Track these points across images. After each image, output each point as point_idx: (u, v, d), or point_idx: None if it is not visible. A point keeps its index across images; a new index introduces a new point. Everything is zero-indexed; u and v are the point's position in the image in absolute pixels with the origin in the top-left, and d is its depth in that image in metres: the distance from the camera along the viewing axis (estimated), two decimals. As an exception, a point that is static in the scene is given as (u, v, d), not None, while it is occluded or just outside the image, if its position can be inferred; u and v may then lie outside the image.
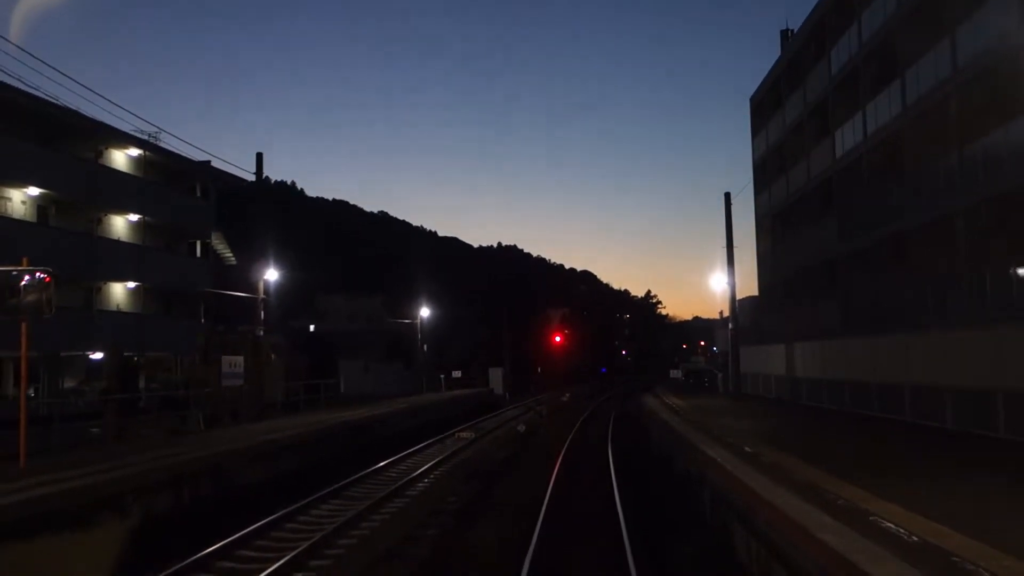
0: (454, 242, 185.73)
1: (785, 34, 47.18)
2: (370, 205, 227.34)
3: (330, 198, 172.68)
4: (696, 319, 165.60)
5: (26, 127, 36.40)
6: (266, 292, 28.93)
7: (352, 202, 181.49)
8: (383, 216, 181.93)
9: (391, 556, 11.86)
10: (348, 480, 18.36)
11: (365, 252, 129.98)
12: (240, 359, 26.55)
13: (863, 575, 6.10)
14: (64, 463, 14.63)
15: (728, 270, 32.35)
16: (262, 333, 28.59)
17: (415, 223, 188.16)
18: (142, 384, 33.74)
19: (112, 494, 12.49)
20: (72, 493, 11.81)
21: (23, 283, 14.11)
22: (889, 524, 7.79)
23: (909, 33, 27.02)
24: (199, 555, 11.28)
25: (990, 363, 15.93)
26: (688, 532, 12.41)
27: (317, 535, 12.81)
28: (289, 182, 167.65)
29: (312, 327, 79.42)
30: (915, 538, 7.21)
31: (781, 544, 7.78)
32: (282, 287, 52.10)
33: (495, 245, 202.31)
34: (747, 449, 14.35)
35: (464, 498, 16.89)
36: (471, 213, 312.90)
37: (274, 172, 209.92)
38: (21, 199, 37.46)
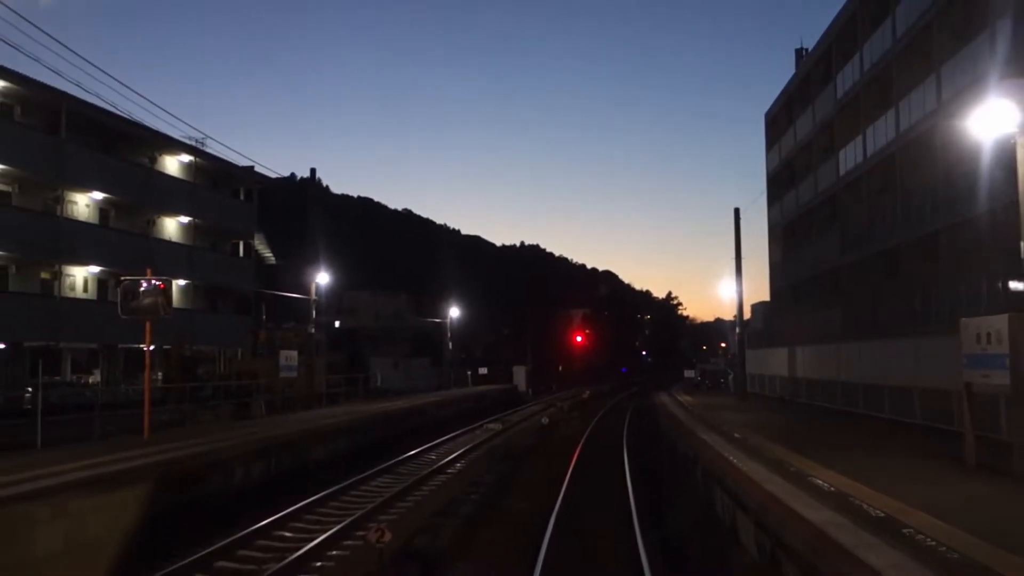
0: (477, 240, 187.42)
1: (799, 53, 49.64)
2: (395, 203, 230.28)
3: (355, 195, 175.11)
4: (718, 320, 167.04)
5: (90, 136, 39.84)
6: (316, 293, 32.08)
7: (377, 199, 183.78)
8: (407, 214, 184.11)
9: (443, 513, 14.86)
10: (396, 459, 21.43)
11: (390, 249, 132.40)
12: (295, 353, 29.73)
13: (783, 504, 9.04)
14: (168, 438, 17.81)
15: (736, 279, 35.19)
16: (313, 331, 31.73)
17: (439, 221, 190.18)
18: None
19: (219, 460, 15.67)
20: (193, 458, 14.98)
21: (142, 288, 17.29)
22: (819, 481, 10.72)
23: (903, 67, 29.74)
24: (298, 505, 14.42)
25: (949, 367, 18.62)
26: (682, 496, 15.39)
27: (380, 499, 15.87)
28: (315, 179, 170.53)
29: (337, 323, 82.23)
30: (832, 489, 10.13)
31: (741, 495, 10.70)
32: (303, 280, 55.33)
33: (518, 244, 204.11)
34: (736, 435, 17.28)
35: (497, 475, 19.90)
36: (494, 212, 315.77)
37: (300, 169, 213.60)
38: (86, 203, 40.94)
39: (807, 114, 42.56)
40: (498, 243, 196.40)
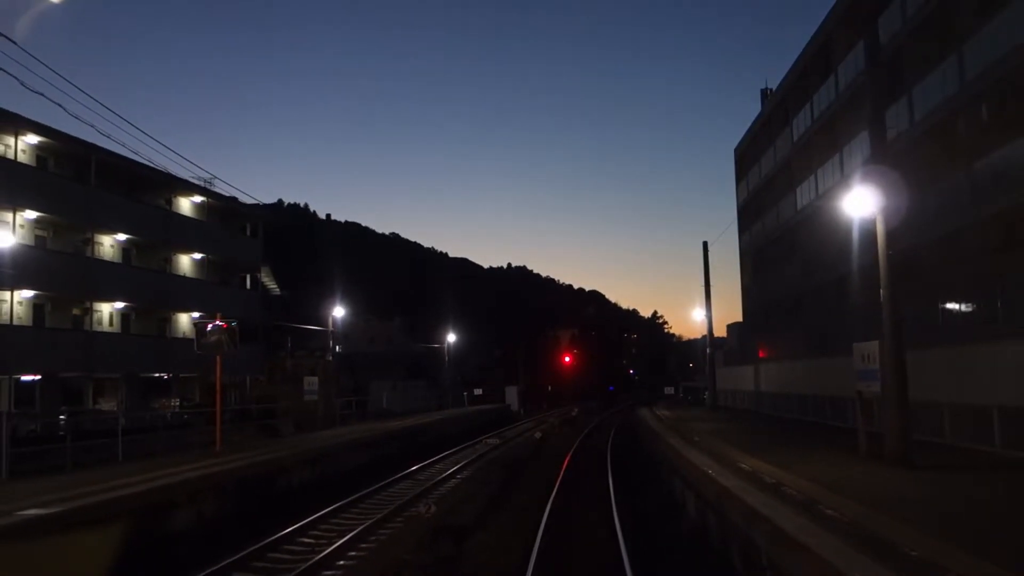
0: (465, 263, 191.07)
1: (764, 93, 54.05)
2: (382, 227, 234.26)
3: (343, 220, 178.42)
4: (705, 338, 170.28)
5: (114, 182, 43.67)
6: (333, 325, 35.93)
7: (364, 224, 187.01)
8: (395, 238, 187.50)
9: (462, 503, 18.74)
10: (414, 467, 25.26)
11: (380, 273, 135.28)
12: (316, 379, 33.50)
13: (711, 479, 13.03)
14: (230, 451, 21.56)
15: (706, 306, 39.35)
16: (331, 358, 35.55)
17: (426, 244, 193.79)
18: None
19: (281, 467, 19.49)
20: (261, 464, 18.80)
21: (208, 327, 21.14)
22: (744, 466, 14.71)
23: (846, 117, 34.06)
24: (351, 498, 18.34)
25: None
26: (650, 487, 19.37)
27: (411, 495, 19.74)
28: (302, 204, 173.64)
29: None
30: (750, 469, 14.14)
31: (688, 477, 14.67)
32: (304, 309, 58.81)
33: (505, 266, 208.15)
34: (695, 439, 21.30)
35: (501, 477, 23.77)
36: (481, 235, 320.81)
37: (288, 195, 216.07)
38: (111, 244, 44.76)
39: (770, 152, 46.96)
40: (486, 265, 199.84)
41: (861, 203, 14.88)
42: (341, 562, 12.73)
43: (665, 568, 11.54)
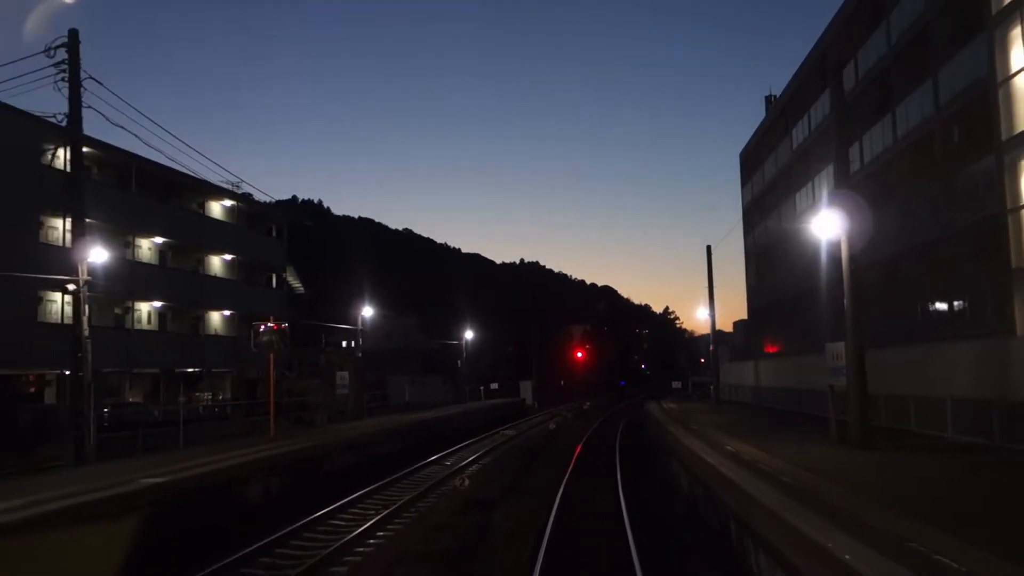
0: (477, 259, 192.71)
1: (769, 99, 56.29)
2: (395, 223, 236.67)
3: (355, 216, 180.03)
4: (718, 333, 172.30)
5: (151, 188, 46.47)
6: (362, 324, 38.60)
7: (377, 220, 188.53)
8: (408, 233, 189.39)
9: (488, 483, 21.38)
10: (440, 454, 27.93)
11: (393, 269, 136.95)
12: (346, 374, 36.18)
13: (698, 457, 15.61)
14: (279, 438, 24.21)
15: (709, 307, 41.90)
16: (360, 355, 38.23)
17: (439, 240, 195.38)
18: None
19: (325, 452, 22.18)
20: (309, 449, 21.50)
21: (261, 329, 23.81)
22: (729, 448, 17.28)
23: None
24: (392, 477, 21.05)
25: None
26: (651, 469, 21.97)
27: (441, 475, 22.39)
28: (316, 200, 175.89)
29: (344, 344, 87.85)
30: (734, 451, 16.70)
31: (683, 459, 17.24)
32: (320, 305, 61.02)
33: (517, 262, 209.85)
34: (694, 428, 23.90)
35: (519, 463, 26.41)
36: (494, 230, 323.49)
37: (301, 191, 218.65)
38: (148, 246, 47.63)
39: (772, 158, 49.30)
40: (498, 261, 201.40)
41: (828, 225, 17.33)
42: (390, 526, 15.41)
43: (660, 526, 14.18)
